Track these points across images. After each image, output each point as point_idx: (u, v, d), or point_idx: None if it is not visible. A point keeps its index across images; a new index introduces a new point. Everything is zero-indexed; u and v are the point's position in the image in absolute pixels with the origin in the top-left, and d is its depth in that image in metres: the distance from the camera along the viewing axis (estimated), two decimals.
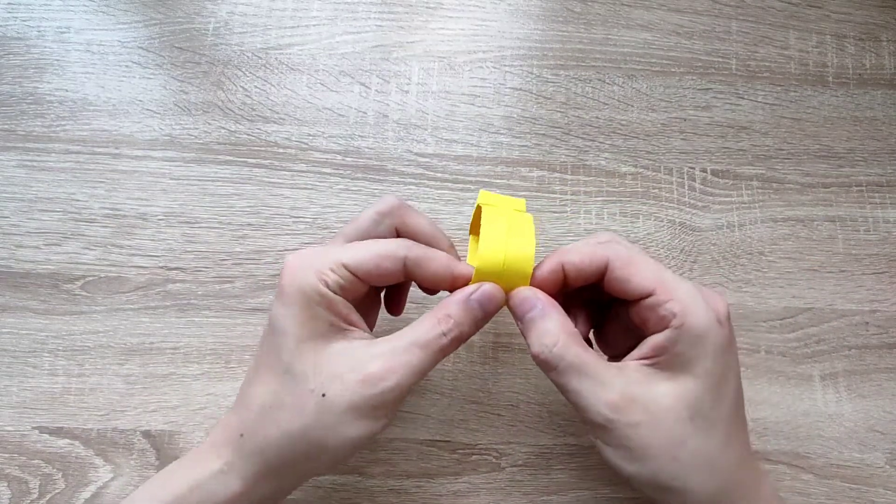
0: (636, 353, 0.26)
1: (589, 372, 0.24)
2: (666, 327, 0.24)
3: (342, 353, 0.25)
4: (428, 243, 0.28)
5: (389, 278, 0.26)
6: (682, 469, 0.24)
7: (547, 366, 0.25)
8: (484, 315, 0.26)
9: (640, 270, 0.25)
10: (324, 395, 0.24)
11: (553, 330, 0.25)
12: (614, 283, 0.26)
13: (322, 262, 0.25)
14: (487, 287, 0.26)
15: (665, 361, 0.25)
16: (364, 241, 0.27)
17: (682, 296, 0.24)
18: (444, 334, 0.25)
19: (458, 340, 0.26)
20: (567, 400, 0.25)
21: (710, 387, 0.24)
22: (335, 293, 0.25)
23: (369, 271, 0.25)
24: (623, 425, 0.24)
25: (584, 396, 0.24)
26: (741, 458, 0.25)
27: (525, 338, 0.26)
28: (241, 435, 0.25)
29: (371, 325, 0.30)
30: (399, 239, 0.27)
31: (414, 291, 0.34)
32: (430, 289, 0.30)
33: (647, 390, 0.24)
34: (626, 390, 0.24)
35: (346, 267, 0.25)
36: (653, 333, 0.25)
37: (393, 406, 0.25)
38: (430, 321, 0.25)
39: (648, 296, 0.25)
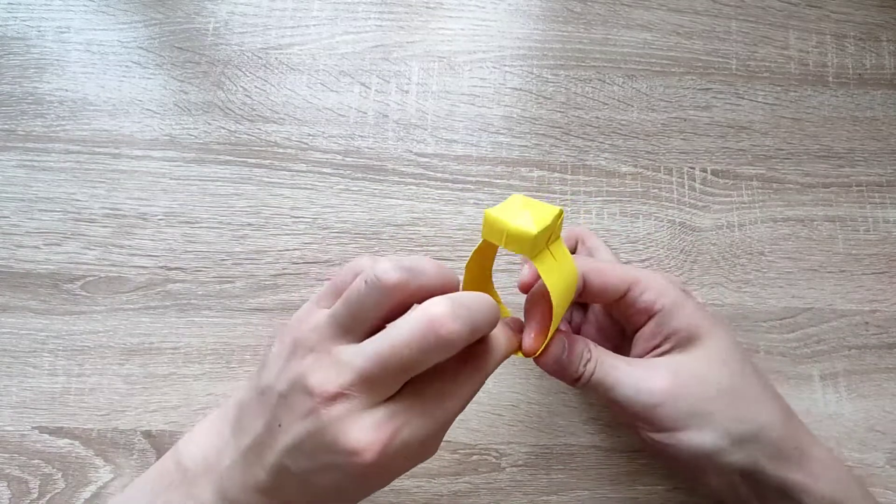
0: (639, 351, 0.27)
1: (628, 366, 0.26)
2: (650, 316, 0.27)
3: None
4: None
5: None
6: (754, 405, 0.26)
7: (585, 379, 0.26)
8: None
9: (609, 276, 0.27)
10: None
11: (583, 349, 0.26)
12: (591, 295, 0.27)
13: None
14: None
15: (668, 344, 0.27)
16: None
17: (651, 284, 0.27)
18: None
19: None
20: (617, 403, 0.26)
21: (715, 338, 0.27)
22: None
23: None
24: (683, 392, 0.25)
25: (633, 385, 0.25)
26: (776, 394, 0.28)
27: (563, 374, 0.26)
28: None
29: None
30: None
31: None
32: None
33: (677, 362, 0.26)
34: (668, 368, 0.26)
35: None
36: (636, 324, 0.28)
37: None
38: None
39: (623, 295, 0.27)
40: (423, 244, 0.37)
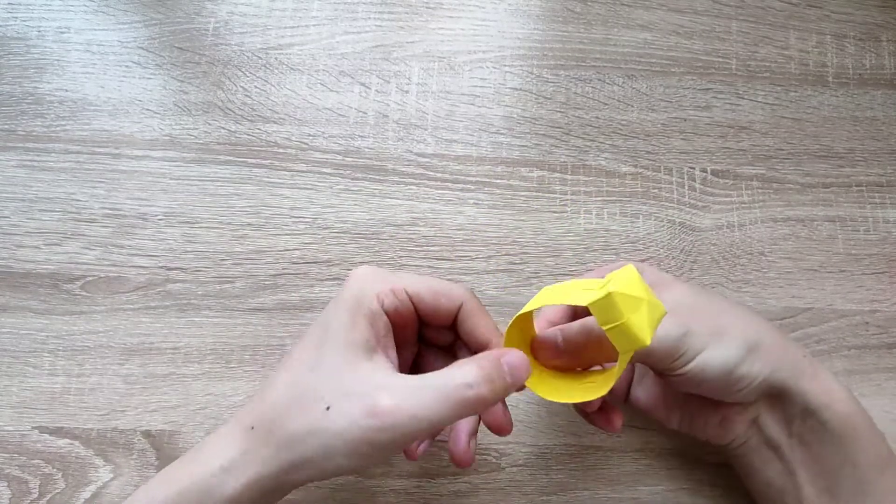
0: None
1: None
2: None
3: (364, 372, 0.24)
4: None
5: (440, 317, 0.27)
6: (754, 319, 0.29)
7: None
8: (512, 382, 0.24)
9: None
10: (328, 409, 0.23)
11: None
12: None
13: (385, 281, 0.27)
14: (516, 355, 0.25)
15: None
16: (429, 277, 0.28)
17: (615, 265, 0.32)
18: (470, 386, 0.23)
19: (483, 401, 0.23)
20: (646, 354, 0.26)
21: (684, 282, 0.30)
22: (385, 313, 0.26)
23: (426, 303, 0.27)
24: (694, 316, 0.27)
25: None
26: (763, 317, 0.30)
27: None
28: (252, 427, 0.25)
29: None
30: (463, 285, 0.28)
31: None
32: (472, 348, 0.29)
33: (672, 299, 0.27)
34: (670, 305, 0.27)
35: (406, 292, 0.26)
36: None
37: (389, 446, 0.23)
38: (457, 370, 0.24)
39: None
40: (423, 244, 0.37)
